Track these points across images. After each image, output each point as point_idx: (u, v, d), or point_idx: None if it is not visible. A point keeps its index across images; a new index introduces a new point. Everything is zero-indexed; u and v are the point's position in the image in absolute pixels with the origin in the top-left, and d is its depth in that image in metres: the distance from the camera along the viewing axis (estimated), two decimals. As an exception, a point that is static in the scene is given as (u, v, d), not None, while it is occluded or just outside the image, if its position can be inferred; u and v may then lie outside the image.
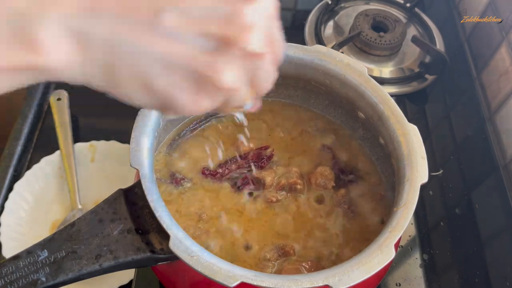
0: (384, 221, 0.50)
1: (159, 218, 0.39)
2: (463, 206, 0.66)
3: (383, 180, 0.53)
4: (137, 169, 0.41)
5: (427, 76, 0.79)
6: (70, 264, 0.39)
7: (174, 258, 0.39)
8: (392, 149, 0.47)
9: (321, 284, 0.37)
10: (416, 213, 0.65)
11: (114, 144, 0.72)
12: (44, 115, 0.78)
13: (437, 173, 0.69)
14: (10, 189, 0.68)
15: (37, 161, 0.70)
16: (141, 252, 0.40)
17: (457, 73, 0.81)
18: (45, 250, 0.39)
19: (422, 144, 0.45)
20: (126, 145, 0.72)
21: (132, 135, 0.43)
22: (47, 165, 0.70)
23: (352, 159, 0.55)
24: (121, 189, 0.43)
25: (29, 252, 0.39)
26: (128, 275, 0.62)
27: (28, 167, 0.70)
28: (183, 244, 0.38)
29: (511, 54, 0.72)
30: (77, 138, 0.73)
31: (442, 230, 0.64)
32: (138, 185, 0.42)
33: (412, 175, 0.43)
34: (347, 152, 0.56)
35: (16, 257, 0.39)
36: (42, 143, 0.75)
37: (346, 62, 0.50)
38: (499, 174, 0.69)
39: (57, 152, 0.71)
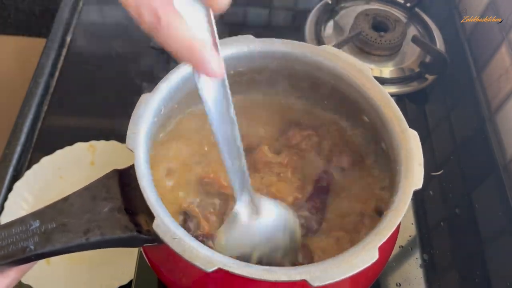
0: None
1: (146, 199, 0.40)
2: (463, 206, 0.66)
3: (381, 186, 0.53)
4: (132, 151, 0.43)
5: (427, 76, 0.79)
6: (59, 236, 0.40)
7: (159, 240, 0.39)
8: (391, 154, 0.47)
9: (298, 278, 0.37)
10: (416, 213, 0.65)
11: (114, 144, 0.72)
12: (44, 115, 0.79)
13: (437, 173, 0.69)
14: (10, 189, 0.68)
15: (37, 161, 0.70)
16: (127, 231, 0.41)
17: (457, 73, 0.81)
18: (37, 220, 0.40)
19: (421, 150, 0.45)
20: (125, 145, 0.72)
21: (131, 118, 0.45)
22: (47, 165, 0.70)
23: (352, 162, 0.55)
24: (116, 169, 0.44)
25: (22, 221, 0.41)
26: (128, 275, 0.62)
27: (28, 167, 0.70)
28: (167, 226, 0.39)
29: (511, 54, 0.72)
30: (77, 138, 0.73)
31: (442, 230, 0.64)
32: (133, 167, 0.43)
33: (407, 180, 0.43)
34: (347, 156, 0.55)
35: (9, 225, 0.40)
36: (42, 143, 0.75)
37: (352, 63, 0.50)
38: (499, 174, 0.69)
39: (57, 152, 0.71)
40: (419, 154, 0.45)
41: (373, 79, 0.49)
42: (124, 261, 0.62)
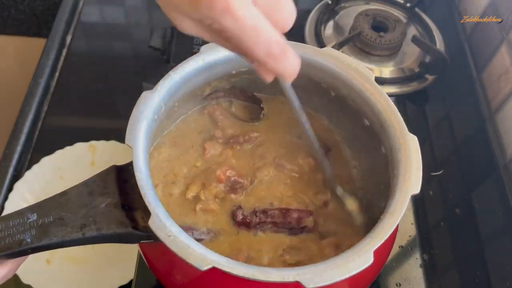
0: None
1: (143, 196, 0.40)
2: (463, 206, 0.66)
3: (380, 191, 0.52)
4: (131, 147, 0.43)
5: (427, 76, 0.79)
6: (55, 229, 0.40)
7: (155, 237, 0.39)
8: (390, 158, 0.47)
9: (291, 280, 0.37)
10: (416, 213, 0.65)
11: (114, 144, 0.72)
12: (44, 115, 0.79)
13: (437, 173, 0.69)
14: (10, 189, 0.68)
15: (37, 161, 0.70)
16: (123, 226, 0.41)
17: (457, 73, 0.81)
18: (35, 213, 0.41)
19: (420, 155, 0.45)
20: (126, 145, 0.72)
21: (132, 115, 0.45)
22: (47, 165, 0.70)
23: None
24: (114, 166, 0.44)
25: (19, 213, 0.41)
26: (128, 275, 0.62)
27: (28, 167, 0.70)
28: (163, 223, 0.39)
29: (511, 54, 0.72)
30: (77, 138, 0.73)
31: (442, 230, 0.64)
32: (132, 164, 0.43)
33: (404, 184, 0.43)
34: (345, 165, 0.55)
35: (7, 217, 0.41)
36: (42, 143, 0.75)
37: (354, 66, 0.50)
38: (499, 174, 0.69)
39: (57, 152, 0.71)
40: (418, 159, 0.45)
41: (375, 84, 0.49)
42: (124, 261, 0.62)
